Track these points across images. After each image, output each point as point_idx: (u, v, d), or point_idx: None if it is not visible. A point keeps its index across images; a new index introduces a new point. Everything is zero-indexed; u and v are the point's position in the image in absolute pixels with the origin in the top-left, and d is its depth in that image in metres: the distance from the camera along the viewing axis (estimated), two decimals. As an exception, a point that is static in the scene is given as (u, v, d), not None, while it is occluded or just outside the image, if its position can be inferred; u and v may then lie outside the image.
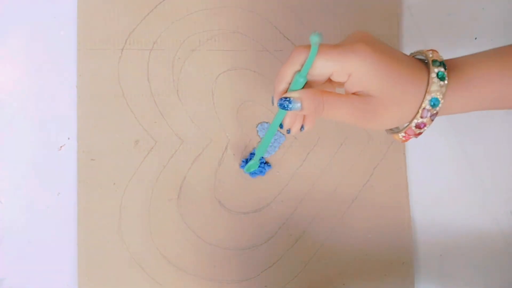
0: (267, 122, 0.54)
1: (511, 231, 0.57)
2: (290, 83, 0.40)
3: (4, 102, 0.52)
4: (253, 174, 0.54)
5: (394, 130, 0.43)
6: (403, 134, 0.42)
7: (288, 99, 0.41)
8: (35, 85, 0.53)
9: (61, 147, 0.53)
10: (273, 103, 0.42)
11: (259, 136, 0.54)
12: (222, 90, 0.55)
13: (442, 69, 0.39)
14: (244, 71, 0.55)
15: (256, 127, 0.55)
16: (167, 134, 0.53)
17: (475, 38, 0.58)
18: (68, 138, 0.53)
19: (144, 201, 0.52)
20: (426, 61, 0.41)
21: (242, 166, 0.54)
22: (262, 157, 0.54)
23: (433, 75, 0.39)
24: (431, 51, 0.41)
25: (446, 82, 0.39)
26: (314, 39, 0.36)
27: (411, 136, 0.42)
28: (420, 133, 0.42)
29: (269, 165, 0.54)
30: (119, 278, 0.51)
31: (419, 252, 0.56)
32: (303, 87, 0.40)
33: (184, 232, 0.53)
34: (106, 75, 0.53)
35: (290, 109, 0.41)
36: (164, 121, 0.53)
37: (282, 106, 0.41)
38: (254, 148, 0.54)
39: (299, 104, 0.40)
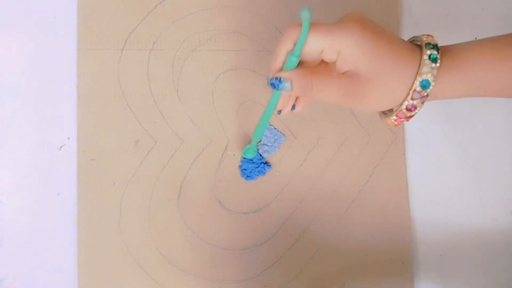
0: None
1: (511, 231, 0.57)
2: (284, 62, 0.41)
3: (4, 102, 0.52)
4: (249, 177, 0.54)
5: (388, 114, 0.43)
6: (394, 117, 0.42)
7: (278, 78, 0.41)
8: (35, 85, 0.53)
9: (61, 147, 0.53)
10: (268, 83, 0.43)
11: (259, 136, 0.54)
12: (222, 90, 0.55)
13: (435, 52, 0.39)
14: (244, 71, 0.55)
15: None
16: (167, 134, 0.53)
17: (475, 38, 0.58)
18: (68, 138, 0.53)
19: (144, 201, 0.52)
20: (420, 44, 0.41)
21: (241, 167, 0.54)
22: (262, 157, 0.54)
23: (425, 56, 0.39)
24: (425, 36, 0.41)
25: (438, 64, 0.39)
26: (305, 14, 0.37)
27: (402, 119, 0.42)
28: (411, 116, 0.42)
29: (269, 165, 0.54)
30: (119, 278, 0.51)
31: (419, 252, 0.56)
32: (297, 67, 0.41)
33: (184, 232, 0.53)
34: (106, 75, 0.53)
35: (280, 89, 0.41)
36: (164, 121, 0.53)
37: (273, 86, 0.42)
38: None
39: (288, 84, 0.41)
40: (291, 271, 0.54)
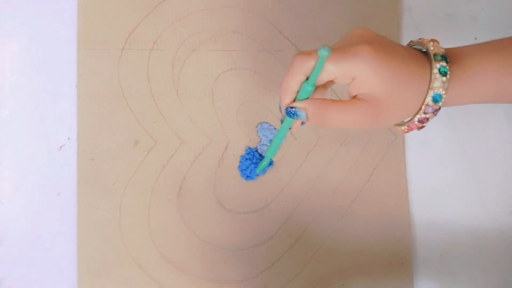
0: (267, 123, 0.54)
1: (511, 231, 0.57)
2: (296, 92, 0.41)
3: (4, 102, 0.52)
4: (249, 177, 0.54)
5: (398, 123, 0.43)
6: (405, 127, 0.43)
7: (295, 109, 0.41)
8: (35, 85, 0.53)
9: (61, 147, 0.53)
10: (281, 111, 0.43)
11: (259, 136, 0.54)
12: (222, 90, 0.55)
13: (444, 64, 0.39)
14: (244, 71, 0.55)
15: (256, 127, 0.55)
16: (167, 134, 0.53)
17: (475, 38, 0.58)
18: (68, 138, 0.53)
19: (144, 201, 0.52)
20: (425, 51, 0.41)
21: (241, 167, 0.54)
22: (262, 157, 0.54)
23: (435, 70, 0.39)
24: (431, 43, 0.41)
25: (448, 77, 0.39)
26: (324, 53, 0.36)
27: (413, 129, 0.42)
28: (422, 127, 0.42)
29: (271, 163, 0.54)
30: (118, 277, 0.51)
31: (419, 252, 0.56)
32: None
33: (183, 232, 0.53)
34: (106, 75, 0.53)
35: (297, 118, 0.41)
36: (164, 121, 0.53)
37: (290, 115, 0.41)
38: (249, 147, 0.54)
39: (304, 114, 0.41)
40: (290, 271, 0.54)
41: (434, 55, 0.40)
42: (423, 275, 0.56)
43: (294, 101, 0.41)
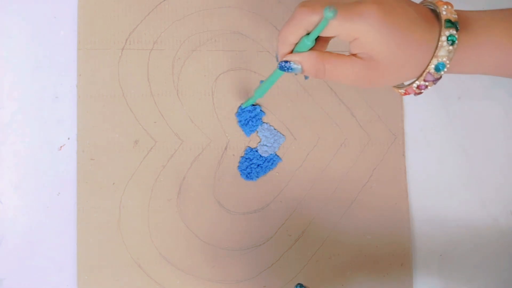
0: (266, 123, 0.54)
1: (511, 231, 0.57)
2: (294, 44, 0.39)
3: (4, 102, 0.52)
4: (248, 178, 0.54)
5: (396, 85, 0.42)
6: (402, 91, 0.41)
7: (289, 63, 0.40)
8: (35, 85, 0.53)
9: (61, 147, 0.53)
10: (277, 60, 0.41)
11: (258, 136, 0.54)
12: (222, 90, 0.55)
13: (454, 32, 0.37)
14: (244, 71, 0.55)
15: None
16: (167, 134, 0.53)
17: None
18: (68, 138, 0.53)
19: (144, 201, 0.52)
20: (437, 12, 0.39)
21: (240, 168, 0.54)
22: (262, 157, 0.54)
23: (443, 38, 0.37)
24: (445, 6, 0.38)
25: (455, 46, 0.37)
26: (329, 15, 0.34)
27: (410, 93, 0.41)
28: (420, 93, 0.41)
29: (279, 158, 0.54)
30: (118, 278, 0.52)
31: (419, 252, 0.56)
32: None
33: (183, 232, 0.53)
34: (106, 75, 0.53)
35: (291, 71, 0.40)
36: (164, 121, 0.53)
37: (283, 69, 0.40)
38: (249, 147, 0.54)
39: (299, 67, 0.40)
40: (290, 271, 0.54)
41: (446, 20, 0.38)
42: (423, 275, 0.56)
43: (291, 52, 0.40)
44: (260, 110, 0.54)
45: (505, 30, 0.39)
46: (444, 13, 0.38)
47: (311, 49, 0.40)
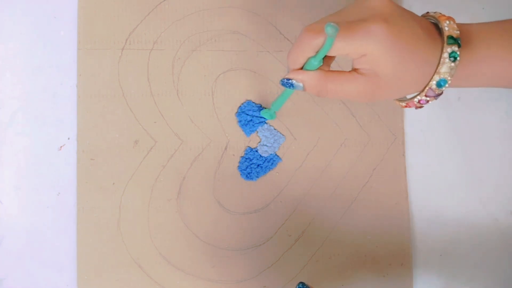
0: (266, 123, 0.54)
1: (511, 231, 0.57)
2: (303, 64, 0.40)
3: (4, 102, 0.52)
4: (248, 178, 0.54)
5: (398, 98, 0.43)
6: (404, 103, 0.42)
7: (291, 81, 0.40)
8: (35, 85, 0.53)
9: (61, 147, 0.53)
10: None
11: (258, 136, 0.54)
12: (222, 90, 0.55)
13: (456, 48, 0.38)
14: (244, 71, 0.55)
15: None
16: (167, 134, 0.53)
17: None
18: (68, 138, 0.53)
19: (144, 201, 0.52)
20: (440, 28, 0.39)
21: (240, 168, 0.54)
22: (262, 157, 0.54)
23: (446, 55, 0.38)
24: (447, 21, 0.39)
25: (457, 62, 0.38)
26: (331, 33, 0.35)
27: (412, 107, 0.42)
28: (421, 107, 0.41)
29: (279, 158, 0.54)
30: (118, 278, 0.52)
31: (419, 252, 0.56)
32: None
33: (183, 232, 0.53)
34: (106, 75, 0.53)
35: (292, 88, 0.41)
36: (164, 121, 0.54)
37: (284, 85, 0.41)
38: (249, 147, 0.54)
39: (301, 85, 0.40)
40: (290, 271, 0.54)
41: (448, 37, 0.38)
42: (423, 275, 0.56)
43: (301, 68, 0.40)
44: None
45: (505, 42, 0.39)
46: (446, 29, 0.38)
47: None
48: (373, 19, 0.37)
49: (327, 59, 0.41)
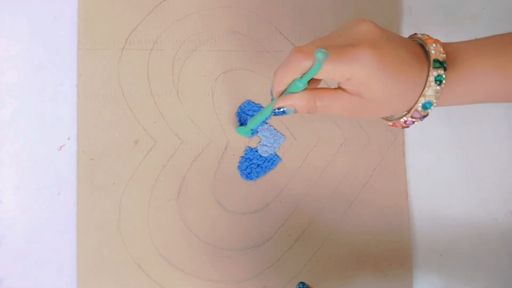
0: (266, 123, 0.54)
1: (511, 231, 0.57)
2: (288, 84, 0.41)
3: (4, 102, 0.52)
4: (248, 178, 0.54)
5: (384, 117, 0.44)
6: (390, 123, 0.43)
7: (283, 109, 0.41)
8: (35, 85, 0.53)
9: (61, 147, 0.53)
10: (272, 96, 0.43)
11: (258, 136, 0.54)
12: (222, 90, 0.55)
13: (442, 72, 0.38)
14: (244, 71, 0.55)
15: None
16: (167, 134, 0.53)
17: (475, 38, 0.58)
18: (68, 138, 0.53)
19: (144, 201, 0.53)
20: (426, 50, 0.40)
21: (240, 168, 0.54)
22: (262, 157, 0.54)
23: (431, 78, 0.38)
24: (434, 44, 0.40)
25: (443, 85, 0.38)
26: (320, 58, 0.35)
27: (398, 127, 0.42)
28: (407, 127, 0.42)
29: (279, 158, 0.54)
30: (118, 278, 0.52)
31: (419, 252, 0.56)
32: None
33: (183, 232, 0.53)
34: (106, 75, 0.53)
35: (284, 115, 0.42)
36: (164, 121, 0.54)
37: (277, 114, 0.42)
38: (249, 147, 0.54)
39: (292, 110, 0.41)
40: (290, 271, 0.54)
41: (434, 61, 0.39)
42: (423, 275, 0.56)
43: (285, 90, 0.41)
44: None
45: (491, 60, 0.40)
46: (433, 52, 0.39)
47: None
48: (360, 45, 0.37)
49: (314, 81, 0.42)
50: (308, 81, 0.40)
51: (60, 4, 0.54)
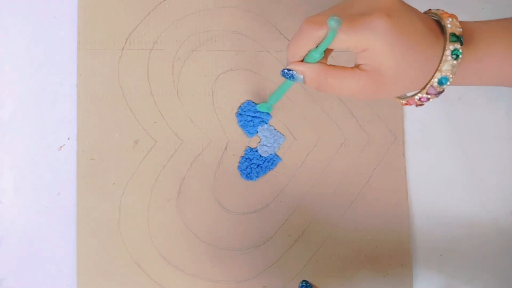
0: (266, 123, 0.54)
1: (511, 231, 0.57)
2: (303, 56, 0.39)
3: (4, 102, 0.52)
4: (248, 178, 0.54)
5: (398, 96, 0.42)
6: (404, 101, 0.41)
7: (292, 72, 0.40)
8: (35, 85, 0.53)
9: (61, 147, 0.53)
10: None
11: (259, 136, 0.54)
12: (222, 90, 0.55)
13: (458, 46, 0.37)
14: (244, 71, 0.55)
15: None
16: (167, 134, 0.53)
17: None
18: (68, 138, 0.53)
19: (144, 201, 0.52)
20: (442, 25, 0.39)
21: (240, 168, 0.54)
22: (262, 157, 0.54)
23: (448, 52, 0.37)
24: (450, 19, 0.38)
25: (459, 60, 0.37)
26: (333, 26, 0.34)
27: (412, 104, 0.41)
28: (421, 104, 0.41)
29: (279, 157, 0.54)
30: (118, 278, 0.52)
31: (419, 252, 0.56)
32: None
33: (183, 232, 0.53)
34: (106, 75, 0.53)
35: (292, 79, 0.40)
36: (164, 121, 0.54)
37: (285, 75, 0.40)
38: (249, 147, 0.54)
39: (301, 77, 0.40)
40: (290, 271, 0.54)
41: (451, 34, 0.37)
42: (423, 275, 0.56)
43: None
44: (267, 113, 0.54)
45: (507, 41, 0.39)
46: (449, 26, 0.38)
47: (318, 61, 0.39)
48: (375, 13, 0.36)
49: (326, 51, 0.40)
50: (324, 51, 0.38)
51: (60, 4, 0.54)
